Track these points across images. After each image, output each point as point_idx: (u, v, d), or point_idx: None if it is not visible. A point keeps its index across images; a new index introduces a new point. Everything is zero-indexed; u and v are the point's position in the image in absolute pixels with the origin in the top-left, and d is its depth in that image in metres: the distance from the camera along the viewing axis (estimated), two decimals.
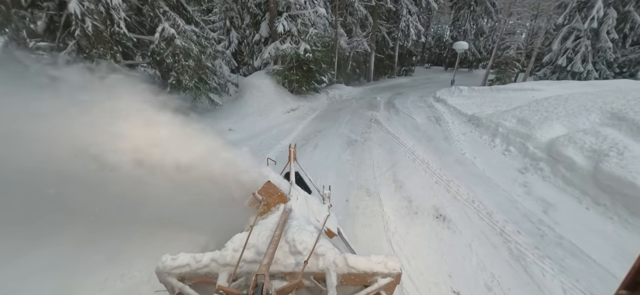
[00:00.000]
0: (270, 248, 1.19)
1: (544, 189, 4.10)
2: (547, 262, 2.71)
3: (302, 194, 2.06)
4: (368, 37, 15.77)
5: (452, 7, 27.80)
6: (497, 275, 2.55)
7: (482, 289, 2.42)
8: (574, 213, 3.52)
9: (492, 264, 2.69)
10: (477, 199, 3.79)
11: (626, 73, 17.58)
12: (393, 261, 1.23)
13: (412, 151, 5.52)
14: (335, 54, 13.13)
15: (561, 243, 2.98)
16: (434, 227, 3.22)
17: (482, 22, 27.80)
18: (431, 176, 4.48)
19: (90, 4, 4.22)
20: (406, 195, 3.90)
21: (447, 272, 2.59)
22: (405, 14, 16.65)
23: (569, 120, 5.38)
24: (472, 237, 3.05)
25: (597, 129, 4.67)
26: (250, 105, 7.56)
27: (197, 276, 1.25)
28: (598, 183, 3.78)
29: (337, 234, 1.98)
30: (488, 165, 4.94)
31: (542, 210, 3.58)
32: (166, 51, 5.28)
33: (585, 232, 3.14)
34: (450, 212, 3.51)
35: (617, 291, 0.56)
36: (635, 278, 0.54)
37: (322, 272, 1.22)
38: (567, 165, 4.28)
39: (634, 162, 3.65)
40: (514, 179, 4.41)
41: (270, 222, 1.53)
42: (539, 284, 2.48)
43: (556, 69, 18.39)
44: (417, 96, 12.14)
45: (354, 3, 13.68)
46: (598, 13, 15.78)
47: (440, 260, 2.72)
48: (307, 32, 8.80)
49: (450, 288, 2.43)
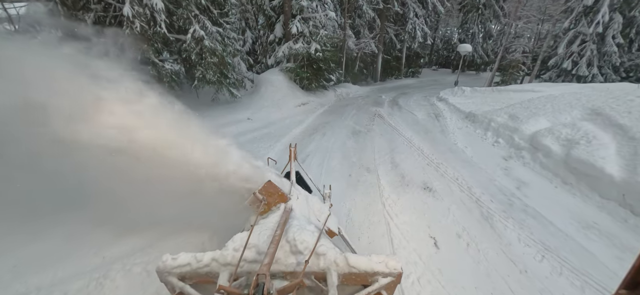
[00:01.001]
0: (271, 248, 1.19)
1: (522, 172, 4.71)
2: (510, 221, 3.35)
3: (303, 193, 2.07)
4: (375, 38, 16.41)
5: (460, 10, 28.07)
6: (467, 228, 3.22)
7: (453, 236, 3.10)
8: (543, 190, 4.13)
9: (465, 220, 3.36)
10: (461, 177, 4.44)
11: (632, 77, 17.60)
12: (394, 261, 1.23)
13: (409, 140, 6.19)
14: (344, 54, 13.84)
15: (526, 210, 3.61)
16: (421, 195, 3.90)
17: (490, 25, 27.99)
18: (424, 160, 5.15)
19: (139, 8, 5.07)
20: (400, 172, 4.59)
21: (427, 224, 3.27)
22: (412, 17, 17.22)
23: (554, 115, 5.94)
24: (451, 203, 3.72)
25: (575, 123, 5.24)
26: (265, 99, 8.38)
27: (197, 276, 1.25)
28: (568, 166, 4.37)
29: (338, 233, 1.98)
30: (477, 153, 5.57)
31: (516, 187, 4.20)
32: (195, 49, 6.13)
33: (549, 204, 3.76)
34: (436, 185, 4.18)
35: (617, 291, 0.55)
36: (635, 278, 0.53)
37: (323, 272, 1.23)
38: (545, 153, 4.88)
39: (599, 148, 4.24)
40: (498, 164, 5.03)
41: (270, 221, 1.53)
42: (499, 234, 3.14)
43: (561, 73, 18.53)
44: (421, 96, 12.71)
45: (362, 6, 14.37)
46: (603, 18, 15.92)
47: (423, 217, 3.41)
48: (318, 33, 9.55)
49: (428, 234, 3.11)
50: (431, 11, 19.00)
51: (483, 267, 2.68)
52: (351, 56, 15.21)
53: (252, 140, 5.96)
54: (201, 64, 6.61)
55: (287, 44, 9.57)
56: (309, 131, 6.75)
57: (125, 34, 5.15)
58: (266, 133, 6.42)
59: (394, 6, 15.88)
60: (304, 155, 5.23)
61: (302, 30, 9.33)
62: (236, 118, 7.17)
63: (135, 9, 4.95)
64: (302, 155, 5.28)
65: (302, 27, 9.29)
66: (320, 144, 5.91)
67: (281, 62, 10.11)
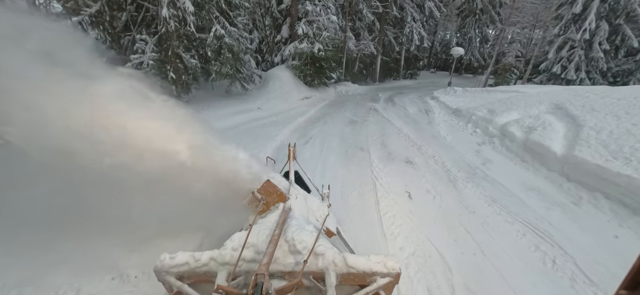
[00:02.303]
0: (270, 247, 1.19)
1: (491, 153, 5.64)
2: (469, 184, 4.28)
3: (302, 193, 2.07)
4: (375, 41, 17.39)
5: (458, 15, 29.02)
6: (435, 187, 4.15)
7: (423, 191, 4.02)
8: (504, 165, 5.06)
9: (434, 182, 4.28)
10: (437, 155, 5.37)
11: (619, 82, 18.45)
12: (392, 261, 1.24)
13: (399, 129, 7.12)
14: (344, 55, 14.79)
15: (485, 178, 4.54)
16: (403, 166, 4.83)
17: (487, 30, 28.95)
18: (409, 142, 6.08)
19: (174, 10, 6.02)
20: (388, 151, 5.52)
21: (405, 184, 4.20)
22: (410, 21, 18.18)
23: (524, 110, 6.87)
24: (426, 172, 4.65)
25: (539, 115, 6.16)
26: (273, 92, 9.34)
27: (195, 275, 1.25)
28: (526, 147, 5.30)
29: (336, 233, 1.99)
30: (455, 139, 6.49)
31: (482, 163, 5.13)
32: (216, 45, 7.09)
33: (505, 175, 4.67)
34: (416, 160, 5.11)
35: (617, 291, 0.55)
36: (635, 278, 0.53)
37: (322, 272, 1.23)
38: (510, 138, 5.80)
39: (551, 133, 5.16)
40: (471, 148, 5.95)
41: (269, 221, 1.53)
42: (459, 191, 4.06)
43: (551, 77, 19.35)
44: (416, 95, 13.65)
45: (362, 10, 15.35)
46: (590, 25, 16.75)
47: (402, 179, 4.33)
48: (321, 34, 10.51)
49: (404, 190, 4.03)
50: (428, 16, 19.95)
51: (442, 210, 3.60)
52: (351, 57, 16.16)
53: (262, 125, 6.90)
54: (218, 59, 7.58)
55: (293, 43, 10.54)
56: (312, 120, 7.69)
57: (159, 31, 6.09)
58: (274, 120, 7.36)
59: (393, 10, 16.86)
60: (307, 138, 6.17)
61: (306, 32, 10.30)
62: (248, 107, 8.12)
63: (170, 11, 5.90)
64: (306, 138, 6.22)
65: (306, 29, 10.25)
66: (322, 129, 6.85)
67: (287, 60, 11.07)
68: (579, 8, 17.01)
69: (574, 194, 3.95)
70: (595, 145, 4.34)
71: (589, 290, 2.44)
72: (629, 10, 16.46)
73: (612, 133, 4.44)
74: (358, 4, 15.14)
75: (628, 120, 4.61)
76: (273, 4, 11.49)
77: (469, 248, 2.93)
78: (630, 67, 18.64)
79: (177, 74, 6.56)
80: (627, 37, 16.86)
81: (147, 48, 6.01)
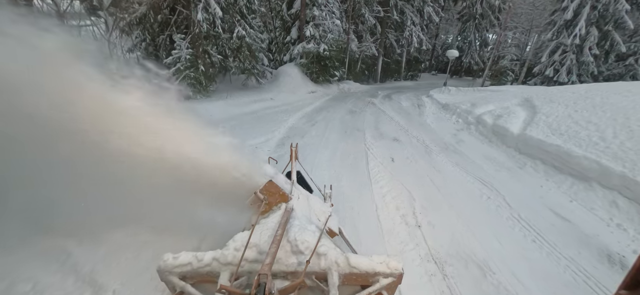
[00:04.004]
0: (273, 247, 1.19)
1: (465, 136, 6.79)
2: (441, 154, 5.45)
3: (304, 193, 2.08)
4: (376, 43, 18.60)
5: (459, 19, 30.06)
6: (413, 155, 5.33)
7: (404, 158, 5.20)
8: (473, 143, 6.22)
9: (413, 152, 5.47)
10: (420, 136, 6.56)
11: None
12: (395, 261, 1.24)
13: (391, 118, 8.32)
14: (347, 55, 16.02)
15: (455, 151, 5.70)
16: (390, 142, 6.03)
17: (487, 34, 29.94)
18: (398, 127, 7.27)
19: (206, 14, 7.32)
20: (380, 132, 6.73)
21: (390, 153, 5.39)
22: (410, 25, 19.36)
23: (500, 103, 8.00)
24: (408, 146, 5.84)
25: (509, 106, 7.30)
26: (283, 85, 10.63)
27: (198, 275, 1.25)
28: (493, 131, 6.44)
29: (339, 233, 2.00)
30: (439, 127, 7.66)
31: (456, 142, 6.29)
32: (238, 44, 8.39)
33: (472, 150, 5.83)
34: (402, 138, 6.31)
35: (617, 291, 0.55)
36: (635, 278, 0.53)
37: (324, 272, 1.23)
38: (483, 124, 6.95)
39: (513, 118, 6.31)
40: (450, 132, 7.12)
41: (271, 221, 1.54)
42: (432, 158, 5.24)
43: (545, 79, 20.26)
44: (413, 94, 14.80)
45: (364, 14, 16.58)
46: (580, 31, 17.67)
47: (388, 150, 5.53)
48: (326, 36, 11.76)
49: (389, 156, 5.22)
50: (428, 20, 21.10)
51: (416, 168, 4.78)
52: (354, 57, 17.38)
53: (275, 112, 8.15)
54: (238, 57, 8.87)
55: (301, 44, 11.82)
56: (317, 109, 8.93)
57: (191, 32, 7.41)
58: (285, 109, 8.61)
59: (394, 14, 18.07)
60: (314, 122, 7.39)
61: (313, 34, 11.56)
62: (262, 98, 9.40)
63: (203, 15, 7.20)
64: (312, 122, 7.44)
65: (313, 31, 11.52)
66: (326, 116, 8.08)
67: (295, 59, 12.34)
68: (570, 14, 17.95)
69: (521, 161, 5.11)
70: (543, 126, 5.49)
71: (507, 211, 3.60)
72: (617, 17, 17.38)
73: (557, 117, 5.59)
74: (360, 9, 16.38)
75: (572, 108, 5.75)
76: (283, 9, 12.81)
77: (429, 189, 4.11)
78: (621, 71, 19.49)
79: (206, 68, 7.85)
80: (616, 42, 17.77)
81: (183, 45, 7.31)
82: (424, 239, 3.01)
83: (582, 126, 4.94)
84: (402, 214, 3.46)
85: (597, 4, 17.67)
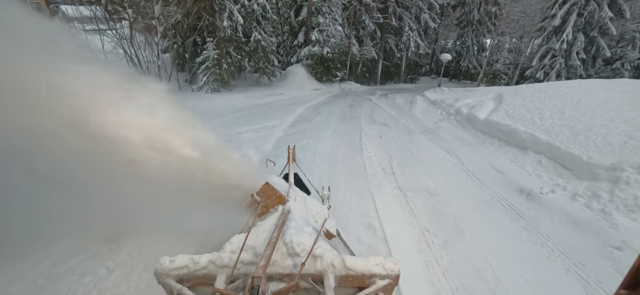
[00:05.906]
0: (268, 250, 1.19)
1: (444, 124, 8.13)
2: (421, 135, 6.82)
3: (301, 195, 2.04)
4: (376, 47, 20.06)
5: (457, 25, 31.42)
6: (398, 135, 6.70)
7: (390, 136, 6.57)
8: (449, 128, 7.56)
9: (399, 133, 6.84)
10: (406, 123, 7.93)
11: None
12: (391, 263, 1.23)
13: (385, 110, 9.71)
14: (348, 58, 17.48)
15: (433, 133, 7.06)
16: (381, 127, 7.41)
17: (484, 39, 31.24)
18: (389, 117, 8.66)
19: (230, 22, 8.83)
20: (373, 119, 8.12)
21: (379, 132, 6.77)
22: (407, 30, 20.80)
23: (477, 97, 9.33)
24: (396, 130, 7.22)
25: (484, 99, 8.63)
26: (292, 83, 12.13)
27: (195, 278, 1.25)
28: (467, 119, 7.78)
29: (336, 235, 1.98)
30: (425, 117, 9.02)
31: (435, 128, 7.65)
32: (254, 47, 9.90)
33: (447, 132, 7.17)
34: (391, 124, 7.69)
35: (617, 291, 0.55)
36: (635, 277, 0.53)
37: (320, 274, 1.23)
38: (460, 114, 8.29)
39: (483, 108, 7.64)
40: (433, 121, 8.47)
41: (268, 223, 1.52)
42: (413, 136, 6.60)
43: (535, 82, 21.46)
44: (409, 94, 16.13)
45: (365, 20, 18.07)
46: (567, 36, 18.88)
47: (378, 131, 6.91)
48: (329, 40, 13.25)
49: (378, 135, 6.59)
50: (424, 26, 22.53)
51: (398, 142, 6.15)
52: (355, 60, 18.84)
53: (285, 104, 9.59)
54: (254, 57, 10.38)
55: (307, 47, 13.32)
56: (321, 103, 10.38)
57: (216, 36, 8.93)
58: (294, 102, 10.07)
59: (392, 21, 19.53)
60: (318, 111, 8.81)
61: (318, 38, 13.06)
62: (274, 92, 10.91)
63: (228, 22, 8.72)
64: (316, 111, 8.86)
65: (318, 36, 13.02)
66: (328, 108, 9.52)
67: (302, 60, 13.84)
68: (558, 21, 19.19)
69: (482, 139, 6.45)
70: (502, 113, 6.82)
71: (459, 167, 4.93)
72: (602, 24, 18.60)
73: (515, 106, 6.92)
74: (361, 16, 17.88)
75: (528, 99, 7.08)
76: (291, 16, 14.37)
77: (405, 154, 5.49)
78: (608, 74, 20.63)
79: (228, 66, 9.36)
80: (601, 48, 18.94)
81: (210, 47, 8.84)
82: (395, 179, 4.38)
83: (530, 111, 6.28)
84: (382, 167, 4.83)
85: (583, 11, 18.88)
